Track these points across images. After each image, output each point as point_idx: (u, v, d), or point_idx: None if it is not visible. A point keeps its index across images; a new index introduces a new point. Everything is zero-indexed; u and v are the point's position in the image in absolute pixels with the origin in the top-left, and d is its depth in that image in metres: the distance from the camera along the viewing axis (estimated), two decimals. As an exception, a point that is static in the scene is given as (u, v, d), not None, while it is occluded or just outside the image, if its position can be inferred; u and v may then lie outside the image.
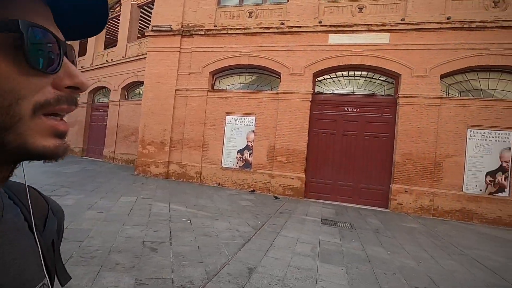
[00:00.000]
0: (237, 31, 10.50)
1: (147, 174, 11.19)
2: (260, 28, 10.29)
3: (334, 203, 9.42)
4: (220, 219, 5.80)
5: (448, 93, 9.12)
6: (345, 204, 9.30)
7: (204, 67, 10.89)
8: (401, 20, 9.08)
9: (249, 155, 10.35)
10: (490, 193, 8.40)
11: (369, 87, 9.85)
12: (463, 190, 8.55)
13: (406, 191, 8.83)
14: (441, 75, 8.83)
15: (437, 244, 5.57)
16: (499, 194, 8.34)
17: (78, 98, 0.42)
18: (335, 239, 5.19)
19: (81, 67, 17.79)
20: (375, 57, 9.29)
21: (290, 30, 9.96)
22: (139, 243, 3.95)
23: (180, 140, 11.02)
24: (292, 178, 9.74)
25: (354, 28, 9.41)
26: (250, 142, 10.38)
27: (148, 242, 4.03)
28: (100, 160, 15.68)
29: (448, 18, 8.74)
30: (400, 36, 9.12)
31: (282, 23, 10.08)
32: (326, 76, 10.24)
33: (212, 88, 11.16)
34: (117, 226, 4.59)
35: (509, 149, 8.33)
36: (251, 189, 10.05)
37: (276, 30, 10.12)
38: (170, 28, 11.10)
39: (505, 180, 8.33)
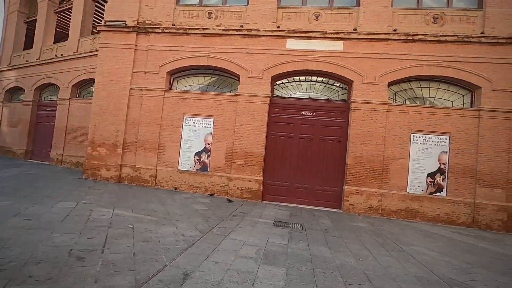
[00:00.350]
0: (196, 31, 10.30)
1: (97, 178, 10.45)
2: (219, 29, 10.20)
3: (290, 205, 9.55)
4: (166, 223, 5.54)
5: (395, 100, 9.75)
6: (301, 206, 9.48)
7: (161, 66, 10.51)
8: (354, 30, 9.56)
9: (207, 157, 10.15)
10: (430, 193, 9.09)
11: (325, 92, 10.20)
12: (408, 191, 9.15)
13: (357, 192, 9.23)
14: (388, 82, 9.42)
15: (379, 242, 5.85)
16: (438, 194, 9.06)
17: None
18: (283, 241, 5.21)
19: (26, 61, 16.29)
20: (330, 64, 9.66)
21: (249, 33, 10.00)
22: (64, 252, 3.60)
23: (134, 141, 10.48)
24: (250, 181, 9.71)
25: (311, 34, 9.71)
26: (208, 144, 10.19)
27: (76, 251, 3.69)
28: (47, 163, 14.39)
29: (394, 30, 9.37)
30: (353, 45, 9.59)
31: (241, 26, 10.09)
32: (284, 80, 10.43)
33: (170, 88, 10.81)
34: (43, 234, 4.15)
35: (446, 152, 9.10)
36: (210, 192, 9.83)
37: (235, 32, 10.10)
38: (124, 24, 10.58)
39: (443, 181, 9.07)
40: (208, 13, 10.44)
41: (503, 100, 8.87)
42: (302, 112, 10.03)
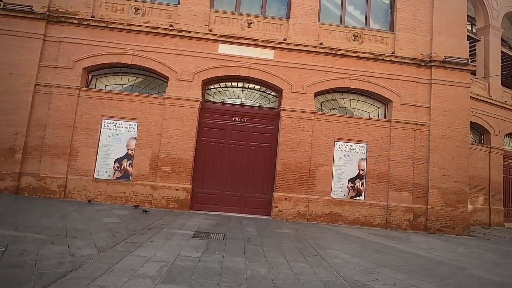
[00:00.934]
0: (119, 26, 9.42)
1: (-15, 190, 8.62)
2: (147, 26, 9.50)
3: (220, 213, 9.20)
4: (57, 242, 4.67)
5: (321, 109, 10.28)
6: (230, 214, 9.19)
7: (77, 61, 9.30)
8: (284, 40, 9.84)
9: (129, 164, 9.22)
10: (351, 197, 9.70)
11: (257, 99, 10.24)
12: (332, 196, 9.62)
13: (286, 199, 9.35)
14: (315, 92, 9.89)
15: (299, 248, 5.86)
16: (357, 198, 9.71)
17: None
18: (197, 253, 4.82)
19: None
20: (261, 71, 9.74)
21: (180, 33, 9.54)
22: None
23: (39, 146, 8.97)
24: (177, 189, 9.09)
25: (242, 41, 9.69)
26: (131, 150, 9.28)
27: None
28: None
29: (320, 44, 9.93)
30: (283, 54, 9.86)
31: (171, 25, 9.57)
32: (216, 85, 10.17)
33: (87, 86, 9.62)
34: None
35: (364, 159, 9.85)
36: (134, 204, 8.88)
37: (164, 32, 9.52)
38: (31, 10, 9.12)
39: (361, 186, 9.77)
40: (135, 8, 9.68)
41: (409, 113, 10.03)
42: (234, 118, 9.87)
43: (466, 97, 10.27)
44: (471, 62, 16.48)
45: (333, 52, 9.90)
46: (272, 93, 10.26)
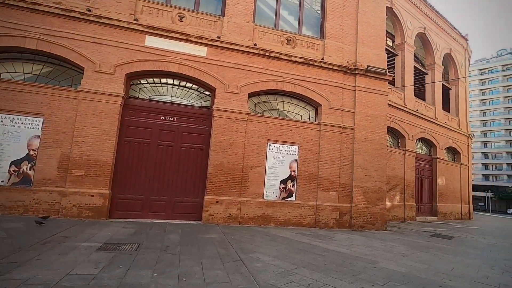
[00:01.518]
0: (20, 4, 7.97)
1: None
2: (57, 8, 8.23)
3: (145, 220, 8.39)
4: None
5: (255, 110, 10.23)
6: (156, 221, 8.45)
7: (-41, 41, 7.57)
8: (217, 37, 9.53)
9: (30, 167, 7.80)
10: (283, 199, 9.79)
11: (188, 97, 9.70)
12: (264, 197, 9.57)
13: (217, 202, 8.98)
14: (249, 93, 9.78)
15: (221, 254, 5.54)
16: (289, 199, 9.86)
17: None
18: (94, 270, 4.12)
19: None
20: (193, 68, 9.26)
21: (99, 20, 8.50)
22: None
23: None
24: (92, 196, 8.00)
25: (173, 35, 9.08)
26: (34, 150, 7.87)
27: None
28: None
29: (255, 45, 9.88)
30: (216, 52, 9.53)
31: (88, 10, 8.47)
32: (143, 81, 9.34)
33: (-26, 73, 7.91)
34: None
35: (296, 160, 10.07)
36: (43, 215, 7.47)
37: (80, 16, 8.37)
38: None
39: (293, 187, 9.95)
40: (43, -14, 8.31)
41: (336, 117, 10.60)
42: (162, 117, 9.16)
43: (384, 103, 11.32)
44: (391, 74, 18.51)
45: (267, 54, 9.95)
46: (205, 92, 9.83)
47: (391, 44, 16.86)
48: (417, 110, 16.31)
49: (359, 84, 10.98)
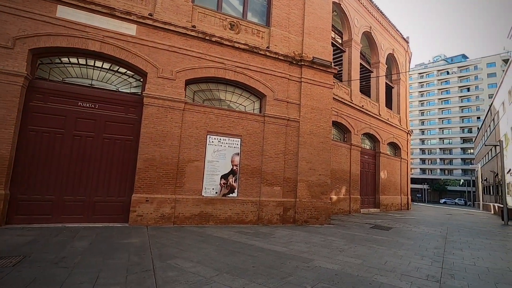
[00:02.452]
0: None
1: None
2: None
3: (55, 225, 7.05)
4: None
5: (194, 99, 9.34)
6: (70, 225, 7.16)
7: None
8: (149, 15, 8.42)
9: None
10: (224, 195, 9.09)
11: (114, 82, 8.44)
12: (202, 194, 8.77)
13: (147, 201, 7.94)
14: (186, 80, 8.84)
15: (131, 263, 4.63)
16: (230, 195, 9.19)
17: None
18: None
19: None
20: (119, 48, 8.04)
21: (-8, -20, 6.85)
22: None
23: None
24: (-19, 197, 6.44)
25: (93, 7, 7.76)
26: None
27: None
28: None
29: (193, 27, 8.96)
30: (148, 32, 8.42)
31: (-24, -34, 6.77)
32: (56, 60, 7.86)
33: None
34: None
35: (238, 154, 9.43)
36: None
37: (-37, -27, 6.65)
38: None
39: (235, 182, 9.30)
40: None
41: (281, 108, 10.19)
42: (80, 103, 7.81)
43: (329, 96, 11.22)
44: (337, 68, 18.87)
45: (207, 38, 9.09)
46: (135, 77, 8.65)
47: (340, 42, 17.11)
48: (362, 106, 16.82)
49: (305, 76, 10.70)
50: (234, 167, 9.33)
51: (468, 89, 66.34)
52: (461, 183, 61.76)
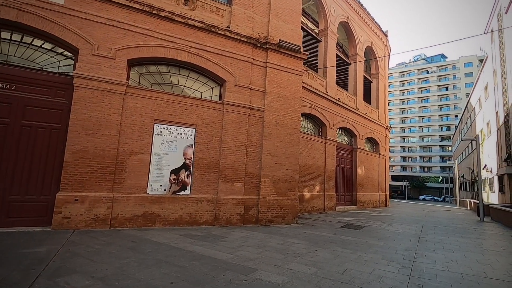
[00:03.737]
0: None
1: None
2: None
3: (-50, 231, 5.70)
4: None
5: (139, 82, 8.13)
6: (-29, 231, 5.83)
7: None
8: (82, -19, 7.14)
9: None
10: (174, 192, 7.96)
11: (37, 59, 7.10)
12: (148, 192, 7.61)
13: (76, 200, 6.70)
14: (129, 60, 7.63)
15: (10, 281, 3.47)
16: (182, 192, 8.07)
17: None
18: None
19: None
20: (42, 18, 6.72)
21: None
22: None
23: None
24: None
25: (7, -34, 6.41)
26: None
27: None
28: None
29: (138, -1, 7.75)
30: (81, 1, 7.14)
31: None
32: (-40, 29, 6.46)
33: None
34: None
35: (192, 146, 8.32)
36: None
37: None
38: None
39: (187, 178, 8.19)
40: None
41: (244, 96, 9.14)
42: (-9, 83, 6.46)
43: (298, 84, 10.27)
44: (314, 61, 18.07)
45: (154, 12, 7.90)
46: (64, 53, 7.35)
47: (317, 32, 16.25)
48: (338, 98, 16.05)
49: (271, 61, 9.70)
50: (187, 161, 8.21)
51: (447, 88, 67.80)
52: (439, 180, 63.07)
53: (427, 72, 71.05)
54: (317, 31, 16.17)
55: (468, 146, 32.12)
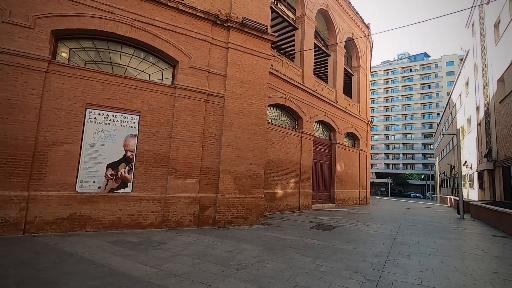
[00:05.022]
0: None
1: None
2: None
3: None
4: None
5: (69, 59, 6.83)
6: None
7: None
8: None
9: None
10: (111, 190, 6.74)
11: None
12: (77, 190, 6.36)
13: (-24, 200, 5.40)
14: (54, 31, 6.33)
15: None
16: (122, 190, 6.86)
17: None
18: None
19: None
20: None
21: None
22: None
23: None
24: None
25: None
26: None
27: None
28: None
29: (66, -42, 6.44)
30: (-13, -45, 5.79)
31: None
32: None
33: None
34: None
35: (135, 136, 7.11)
36: None
37: None
38: None
39: (129, 173, 6.98)
40: None
41: (200, 79, 7.99)
42: None
43: (265, 69, 9.20)
44: (291, 50, 17.06)
45: (87, -25, 6.62)
46: (-33, 20, 5.98)
47: (294, 18, 15.23)
48: (316, 90, 15.11)
49: (234, 41, 8.58)
50: (129, 154, 7.00)
51: (429, 87, 68.62)
52: (422, 177, 63.85)
53: (411, 70, 71.70)
54: (294, 18, 15.15)
55: (449, 143, 32.12)
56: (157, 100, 7.38)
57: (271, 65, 12.00)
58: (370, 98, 74.44)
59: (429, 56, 74.68)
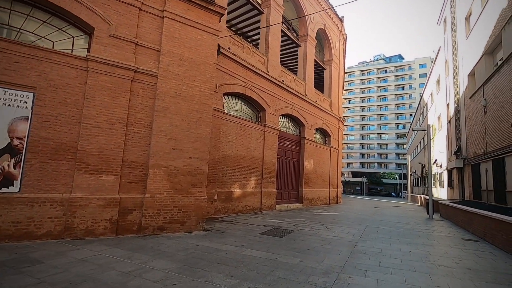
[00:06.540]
0: None
1: None
2: None
3: None
4: None
5: None
6: None
7: None
8: None
9: None
10: (-13, 190, 5.09)
11: None
12: None
13: None
14: None
15: None
16: (4, 190, 5.21)
17: None
18: None
19: None
20: None
21: None
22: None
23: None
24: None
25: None
26: None
27: None
28: None
29: None
30: None
31: None
32: None
33: None
34: None
35: (27, 119, 5.47)
36: None
37: None
38: None
39: (15, 168, 5.33)
40: None
41: (124, 52, 6.45)
42: None
43: (212, 47, 7.80)
44: (255, 36, 15.79)
45: None
46: None
47: (259, 2, 13.95)
48: (282, 80, 13.92)
49: (171, 10, 7.11)
50: (16, 142, 5.35)
51: (403, 88, 70.20)
52: (395, 176, 65.14)
53: (386, 71, 73.04)
54: (259, 1, 13.87)
55: (420, 142, 32.31)
56: (62, 74, 5.77)
57: (229, 48, 10.64)
58: (347, 98, 75.34)
59: (403, 58, 76.52)
